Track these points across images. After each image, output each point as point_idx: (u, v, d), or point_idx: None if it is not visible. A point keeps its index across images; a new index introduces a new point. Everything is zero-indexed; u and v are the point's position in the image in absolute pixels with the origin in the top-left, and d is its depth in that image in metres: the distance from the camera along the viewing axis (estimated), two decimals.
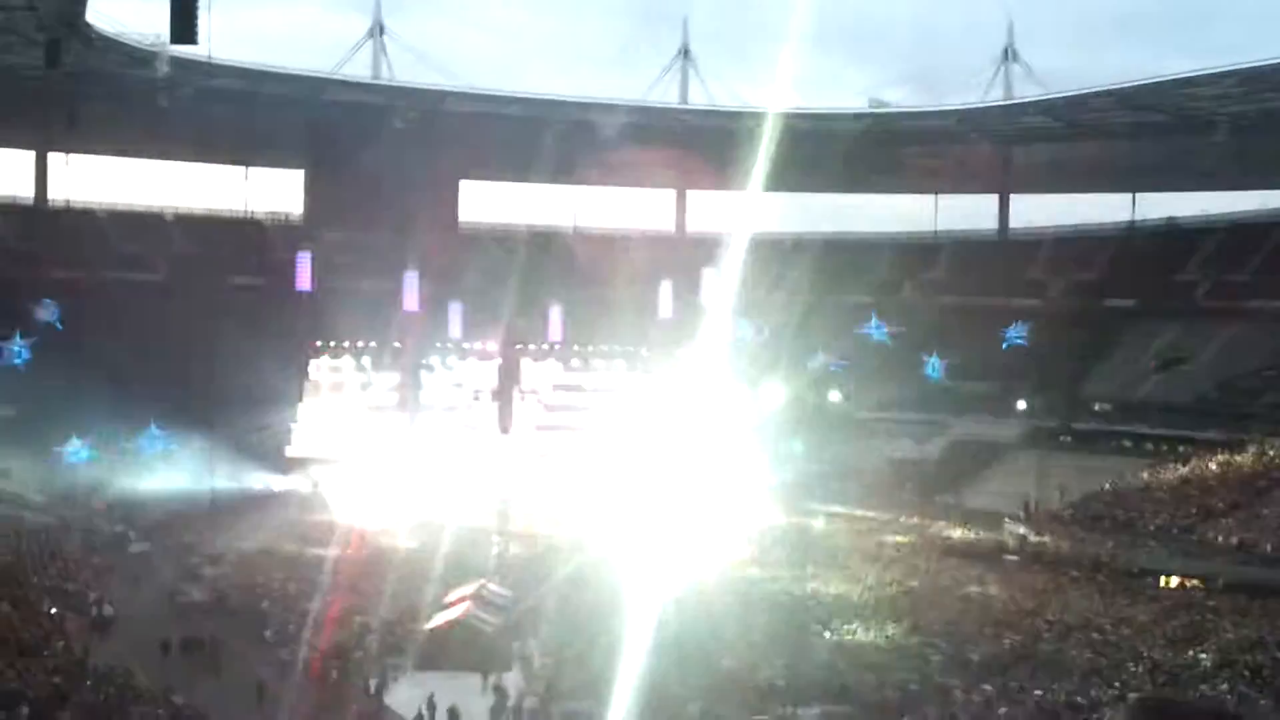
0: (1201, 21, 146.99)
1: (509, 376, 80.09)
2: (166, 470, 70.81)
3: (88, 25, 69.20)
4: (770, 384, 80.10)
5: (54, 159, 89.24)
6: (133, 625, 43.82)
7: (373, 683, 37.24)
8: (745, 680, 37.23)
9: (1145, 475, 69.10)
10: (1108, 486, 68.27)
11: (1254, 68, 73.15)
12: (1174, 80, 78.64)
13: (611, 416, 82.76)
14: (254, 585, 47.94)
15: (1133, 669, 37.82)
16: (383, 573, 48.88)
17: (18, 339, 74.80)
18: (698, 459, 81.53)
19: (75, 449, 70.10)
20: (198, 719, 32.61)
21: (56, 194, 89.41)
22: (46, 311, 76.95)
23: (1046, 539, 61.18)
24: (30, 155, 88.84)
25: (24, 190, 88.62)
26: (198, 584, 49.87)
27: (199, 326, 74.89)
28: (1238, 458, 66.92)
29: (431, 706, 34.45)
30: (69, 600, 45.11)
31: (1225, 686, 35.80)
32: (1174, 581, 53.44)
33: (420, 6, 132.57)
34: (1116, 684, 35.86)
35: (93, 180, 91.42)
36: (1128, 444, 75.57)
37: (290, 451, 74.89)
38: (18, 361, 74.62)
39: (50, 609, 42.25)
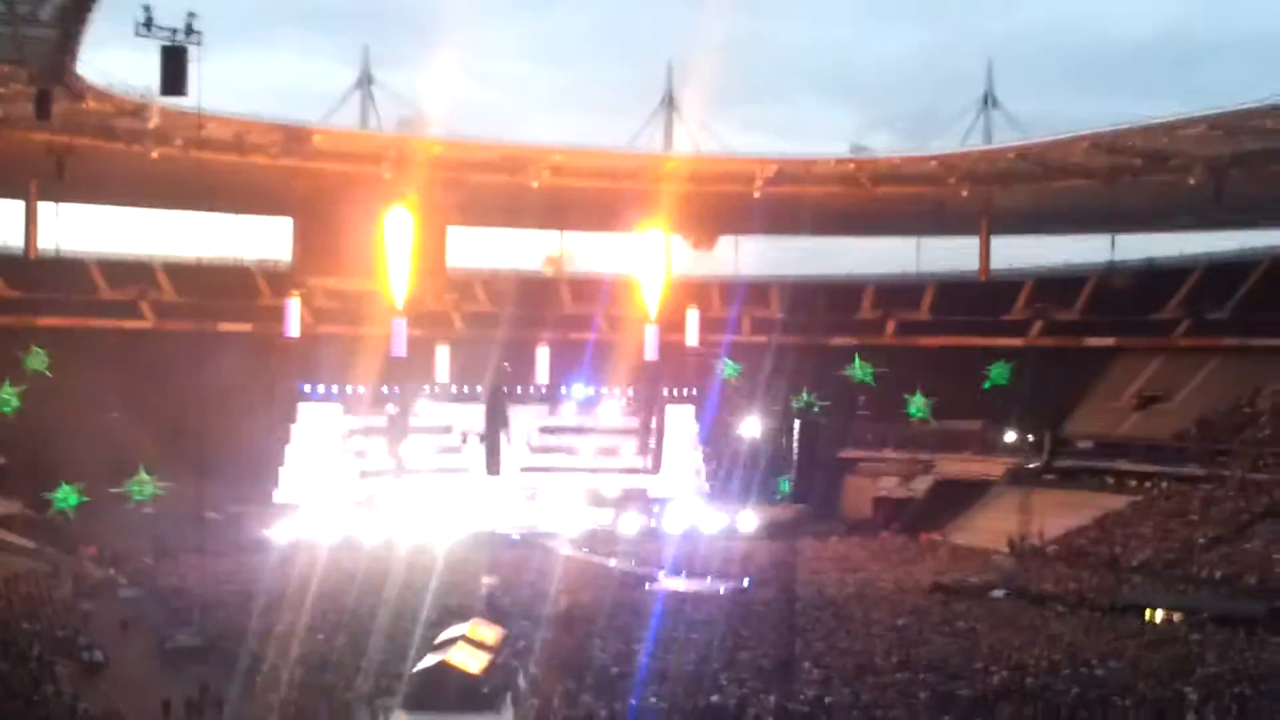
0: (1179, 66, 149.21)
1: (496, 419, 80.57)
2: (155, 515, 71.07)
3: (78, 77, 69.74)
4: (755, 424, 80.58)
5: (43, 208, 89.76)
6: (123, 670, 43.93)
7: None
8: (734, 716, 37.42)
9: (1128, 511, 69.68)
10: (1090, 522, 68.83)
11: (1228, 112, 74.01)
12: (1150, 125, 79.59)
13: (597, 457, 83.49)
14: (244, 629, 47.97)
15: (1119, 703, 38.07)
16: (372, 613, 49.02)
17: (7, 387, 75.10)
18: (683, 498, 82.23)
19: (65, 494, 70.35)
20: None
21: (46, 242, 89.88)
22: (36, 360, 77.27)
23: (1031, 575, 61.69)
24: (20, 204, 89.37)
25: (14, 239, 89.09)
26: (188, 629, 49.91)
27: (188, 373, 75.16)
28: (1218, 493, 67.61)
29: None
30: (59, 646, 45.12)
31: (1211, 719, 36.10)
32: (1159, 616, 53.80)
33: (409, 55, 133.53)
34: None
35: (82, 228, 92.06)
36: (1110, 480, 76.27)
37: (278, 496, 75.12)
38: (6, 409, 74.95)
39: (39, 655, 42.32)
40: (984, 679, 41.58)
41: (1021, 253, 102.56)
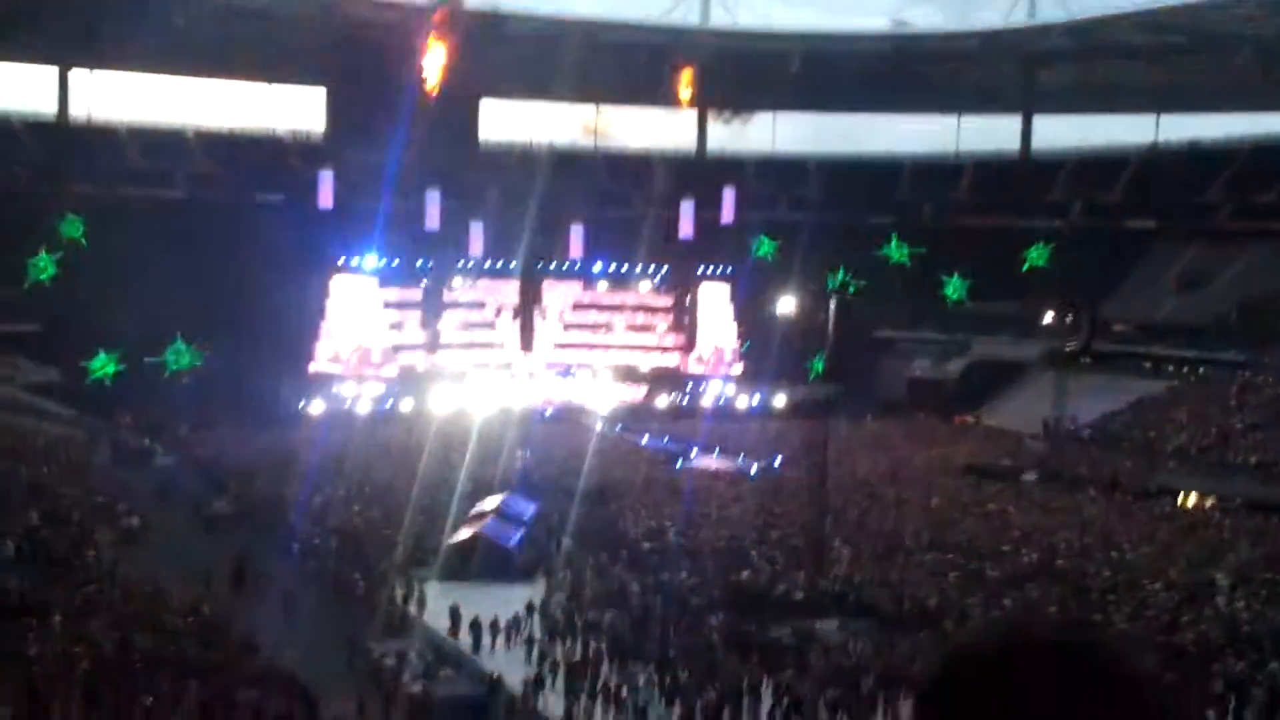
0: None
1: (529, 295, 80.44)
2: (191, 384, 71.58)
3: None
4: (790, 302, 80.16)
5: (76, 75, 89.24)
6: (161, 537, 44.46)
7: (398, 594, 37.74)
8: (764, 592, 37.69)
9: (1165, 396, 69.34)
10: (1126, 407, 68.55)
11: None
12: (1199, 2, 77.90)
13: (630, 334, 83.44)
14: (280, 498, 48.48)
15: (1149, 586, 38.13)
16: (408, 486, 49.35)
17: (44, 255, 75.23)
18: (715, 376, 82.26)
19: (102, 363, 70.83)
20: (225, 630, 33.05)
21: (78, 110, 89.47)
22: (72, 227, 77.23)
23: (1065, 458, 61.65)
24: (53, 71, 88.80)
25: (46, 106, 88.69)
26: (223, 497, 50.46)
27: (221, 243, 75.15)
28: (1257, 379, 67.09)
29: (455, 617, 35.00)
30: (98, 512, 45.69)
31: (1241, 604, 36.11)
32: (1192, 501, 53.79)
33: None
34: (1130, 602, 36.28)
35: (114, 96, 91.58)
36: (1147, 365, 75.76)
37: (314, 367, 75.41)
38: (44, 277, 75.14)
39: (80, 520, 42.84)
40: (1013, 560, 41.76)
41: (1063, 134, 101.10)
